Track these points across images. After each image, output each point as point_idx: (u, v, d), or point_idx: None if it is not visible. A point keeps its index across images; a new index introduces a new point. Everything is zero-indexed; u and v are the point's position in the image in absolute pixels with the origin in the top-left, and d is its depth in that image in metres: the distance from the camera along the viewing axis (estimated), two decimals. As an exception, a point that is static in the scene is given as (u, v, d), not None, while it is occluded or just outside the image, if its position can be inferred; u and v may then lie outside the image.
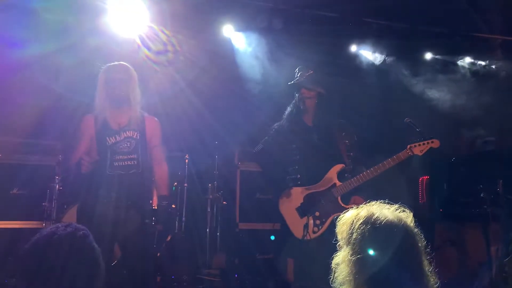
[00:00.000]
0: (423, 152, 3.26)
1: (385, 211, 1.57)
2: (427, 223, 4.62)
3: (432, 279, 1.53)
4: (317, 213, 3.26)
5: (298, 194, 3.34)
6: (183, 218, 5.08)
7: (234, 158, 5.59)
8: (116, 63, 3.27)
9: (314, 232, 3.18)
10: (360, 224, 1.54)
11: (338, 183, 3.33)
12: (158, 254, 4.41)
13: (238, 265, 4.79)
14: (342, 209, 1.82)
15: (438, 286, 1.54)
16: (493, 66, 5.72)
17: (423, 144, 3.27)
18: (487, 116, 5.13)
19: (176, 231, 4.96)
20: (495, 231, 3.62)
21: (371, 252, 1.49)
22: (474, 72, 5.70)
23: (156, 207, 3.88)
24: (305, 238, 3.09)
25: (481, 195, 3.28)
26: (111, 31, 4.30)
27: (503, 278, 3.45)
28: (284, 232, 3.35)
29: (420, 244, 1.54)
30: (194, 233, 5.10)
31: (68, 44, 4.10)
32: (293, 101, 3.61)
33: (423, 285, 1.49)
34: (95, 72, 3.32)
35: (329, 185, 3.34)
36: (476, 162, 4.71)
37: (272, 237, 4.50)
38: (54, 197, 4.49)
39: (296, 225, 3.25)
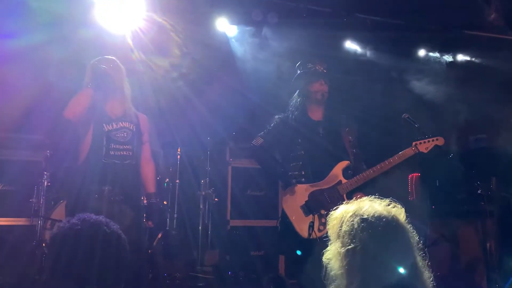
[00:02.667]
0: (428, 149, 3.22)
1: (374, 205, 1.57)
2: (420, 220, 4.64)
3: (426, 273, 1.53)
4: (322, 211, 3.17)
5: (302, 192, 3.24)
6: (175, 215, 5.02)
7: (226, 155, 5.55)
8: (102, 57, 3.27)
9: (319, 231, 3.09)
10: (349, 217, 1.54)
11: (344, 180, 3.27)
12: (150, 251, 4.34)
13: (231, 262, 4.74)
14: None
15: (432, 280, 1.53)
16: (486, 63, 5.74)
17: (428, 141, 3.23)
18: (479, 113, 5.15)
19: (167, 228, 4.91)
20: (490, 227, 3.64)
21: (360, 242, 1.47)
22: (467, 69, 5.72)
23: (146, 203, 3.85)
24: (311, 237, 3.00)
25: (479, 192, 3.27)
26: (103, 22, 4.20)
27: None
28: (286, 229, 3.27)
29: (412, 240, 1.53)
30: (186, 230, 5.05)
31: (59, 36, 4.00)
32: (298, 94, 3.52)
33: (416, 277, 1.47)
34: (86, 65, 3.27)
35: (335, 182, 3.27)
36: (469, 160, 4.73)
37: (299, 252, 4.44)
38: (42, 193, 4.41)
39: (301, 223, 3.16)
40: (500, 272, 3.58)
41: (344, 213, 1.57)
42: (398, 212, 1.57)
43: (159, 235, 4.66)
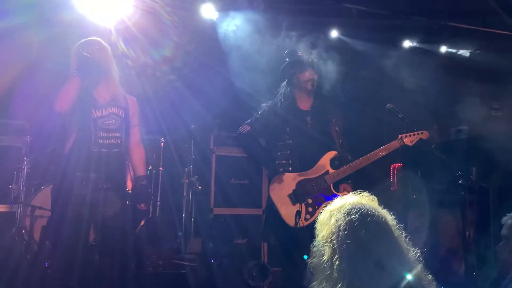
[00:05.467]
0: (413, 142, 3.28)
1: (354, 199, 1.60)
2: (401, 209, 4.72)
3: (411, 250, 1.54)
4: (309, 200, 3.20)
5: (290, 181, 3.25)
6: (158, 202, 4.99)
7: (210, 142, 5.53)
8: (85, 39, 3.15)
9: (306, 219, 3.11)
10: (336, 214, 1.56)
11: (331, 170, 3.28)
12: (132, 238, 4.31)
13: (214, 249, 4.75)
14: (334, 196, 1.80)
15: (419, 256, 1.55)
16: (470, 55, 5.82)
17: (414, 135, 3.28)
18: (460, 105, 5.23)
19: (150, 215, 4.88)
20: (469, 216, 3.73)
21: (346, 240, 1.48)
22: (450, 61, 5.79)
23: (130, 191, 3.81)
24: (298, 225, 3.02)
25: (459, 182, 3.34)
26: (84, 6, 4.10)
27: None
28: (272, 217, 3.28)
29: (390, 222, 1.55)
30: (169, 217, 5.03)
31: (40, 17, 3.88)
32: (287, 83, 3.49)
33: (402, 256, 1.49)
34: (68, 49, 3.18)
35: (322, 172, 3.28)
36: (450, 150, 4.81)
37: (305, 257, 4.45)
38: (22, 180, 4.34)
39: (288, 212, 3.16)
40: (477, 258, 3.69)
41: (331, 210, 1.59)
42: (370, 199, 1.61)
43: (142, 222, 4.64)
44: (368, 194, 1.64)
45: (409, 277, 1.45)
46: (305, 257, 3.06)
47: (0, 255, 3.90)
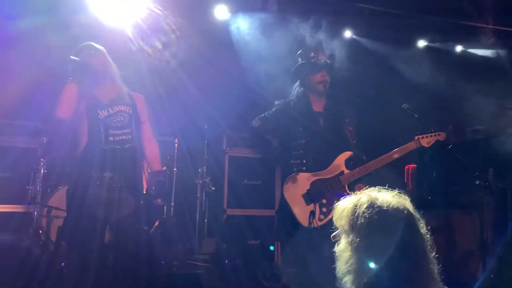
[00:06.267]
0: (430, 144, 3.23)
1: (386, 196, 1.56)
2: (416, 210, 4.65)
3: (435, 265, 1.52)
4: (323, 201, 3.17)
5: (304, 180, 3.23)
6: (172, 203, 5.02)
7: (223, 143, 5.54)
8: (78, 47, 3.18)
9: (320, 220, 3.09)
10: (365, 209, 1.51)
11: (346, 170, 3.26)
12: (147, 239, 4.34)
13: (228, 250, 4.76)
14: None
15: (439, 265, 1.53)
16: (486, 55, 5.74)
17: (431, 136, 3.24)
18: (477, 104, 5.15)
19: (164, 215, 4.90)
20: (487, 218, 3.68)
21: (377, 237, 1.47)
22: (466, 60, 5.71)
23: (145, 191, 3.84)
24: (312, 225, 3.01)
25: (476, 183, 3.29)
26: (100, 8, 4.15)
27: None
28: (285, 217, 3.27)
29: (422, 230, 1.53)
30: (183, 218, 5.05)
31: (55, 20, 3.93)
32: (300, 84, 3.48)
33: (427, 270, 1.47)
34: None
35: (337, 172, 3.26)
36: (466, 151, 4.74)
37: (272, 248, 4.48)
38: (38, 180, 4.40)
39: (302, 212, 3.15)
40: (495, 261, 3.62)
41: (357, 205, 1.54)
42: (408, 202, 1.57)
43: (156, 223, 4.67)
44: (403, 194, 1.60)
45: None
46: (271, 248, 3.06)
47: (18, 255, 3.96)
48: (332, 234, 1.66)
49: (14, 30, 3.97)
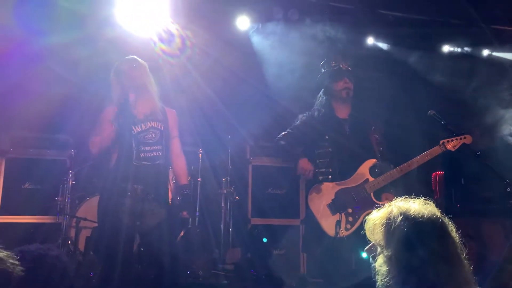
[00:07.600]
0: (456, 147, 3.18)
1: (416, 206, 1.54)
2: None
3: (469, 267, 1.52)
4: (349, 210, 3.15)
5: (329, 190, 3.22)
6: (197, 213, 5.04)
7: (246, 153, 5.55)
8: (125, 58, 3.27)
9: (346, 229, 3.06)
10: (400, 222, 1.50)
11: (371, 178, 3.23)
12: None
13: (252, 260, 4.74)
14: (375, 205, 1.76)
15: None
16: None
17: (456, 139, 3.18)
18: (506, 109, 5.02)
19: (189, 225, 4.93)
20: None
21: (416, 248, 1.46)
22: (492, 64, 5.59)
23: (170, 202, 3.88)
24: (338, 235, 2.98)
25: (508, 190, 3.19)
26: (126, 22, 4.24)
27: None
28: (311, 228, 3.25)
29: (453, 233, 1.53)
30: (207, 228, 5.07)
31: (83, 35, 4.05)
32: (323, 92, 3.50)
33: (463, 275, 1.47)
34: (110, 64, 3.29)
35: (362, 180, 3.24)
36: (496, 157, 4.61)
37: (265, 240, 4.45)
38: (67, 192, 4.50)
39: (328, 222, 3.13)
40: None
41: (391, 218, 1.53)
42: (436, 209, 1.56)
43: (182, 233, 4.70)
44: (430, 202, 1.59)
45: None
46: (265, 239, 3.02)
47: (47, 265, 4.04)
48: (366, 248, 1.66)
49: (43, 46, 4.09)
